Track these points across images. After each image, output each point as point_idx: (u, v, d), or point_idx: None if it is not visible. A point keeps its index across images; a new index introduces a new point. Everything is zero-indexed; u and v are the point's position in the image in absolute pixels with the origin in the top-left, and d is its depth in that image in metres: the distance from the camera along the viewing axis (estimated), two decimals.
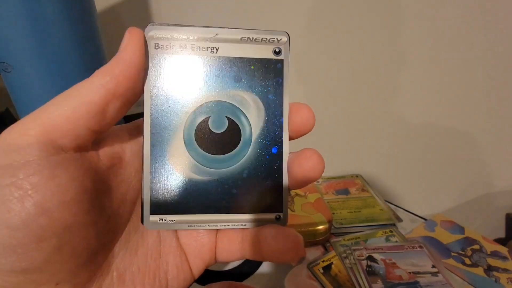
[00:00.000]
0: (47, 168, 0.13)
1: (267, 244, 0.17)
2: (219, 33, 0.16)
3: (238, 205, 0.17)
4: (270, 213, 0.17)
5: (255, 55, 0.17)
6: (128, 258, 0.17)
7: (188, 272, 0.18)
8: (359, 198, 0.51)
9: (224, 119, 0.17)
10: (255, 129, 0.17)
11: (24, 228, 0.13)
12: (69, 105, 0.14)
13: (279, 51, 0.17)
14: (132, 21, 0.71)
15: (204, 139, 0.17)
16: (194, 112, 0.17)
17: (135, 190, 0.17)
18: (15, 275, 0.13)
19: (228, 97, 0.17)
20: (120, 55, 0.14)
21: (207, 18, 0.64)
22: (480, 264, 0.39)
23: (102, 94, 0.14)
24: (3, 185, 0.13)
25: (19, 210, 0.13)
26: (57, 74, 0.40)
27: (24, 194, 0.13)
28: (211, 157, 0.17)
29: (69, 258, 0.14)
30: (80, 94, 0.14)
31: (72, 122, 0.14)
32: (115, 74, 0.14)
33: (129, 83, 0.14)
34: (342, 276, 0.37)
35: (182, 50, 0.16)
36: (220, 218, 0.17)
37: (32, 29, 0.37)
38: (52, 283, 0.14)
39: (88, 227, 0.15)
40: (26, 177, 0.13)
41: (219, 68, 0.17)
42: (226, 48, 0.17)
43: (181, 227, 0.17)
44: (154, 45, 0.16)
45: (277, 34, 0.17)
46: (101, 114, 0.14)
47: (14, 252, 0.13)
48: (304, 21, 0.57)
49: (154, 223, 0.16)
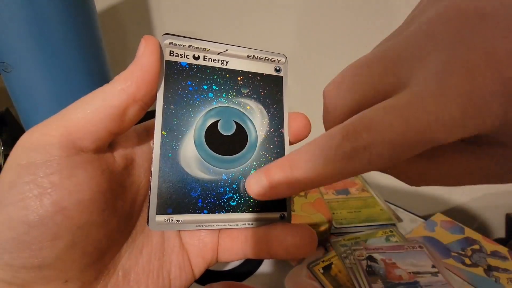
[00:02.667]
0: (67, 167, 0.14)
1: (281, 240, 0.18)
2: (229, 49, 0.18)
3: (244, 204, 0.18)
4: (275, 212, 0.18)
5: (260, 70, 0.19)
6: (134, 258, 0.17)
7: (189, 272, 0.18)
8: (359, 198, 0.51)
9: (233, 123, 0.18)
10: (260, 134, 0.18)
11: (40, 226, 0.13)
12: (91, 108, 0.14)
13: (279, 69, 0.19)
14: (132, 21, 0.71)
15: (213, 140, 0.18)
16: (204, 115, 0.18)
17: (144, 191, 0.18)
18: (25, 271, 0.13)
19: (236, 104, 0.18)
20: (139, 61, 0.15)
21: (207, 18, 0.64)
22: (480, 264, 0.39)
23: (123, 98, 0.14)
24: (23, 182, 0.13)
25: (37, 207, 0.13)
26: (57, 74, 0.40)
27: (43, 192, 0.13)
28: (220, 158, 0.18)
29: (80, 257, 0.14)
30: (101, 97, 0.14)
31: (93, 125, 0.14)
32: (135, 79, 0.15)
33: (147, 88, 0.15)
34: (342, 276, 0.37)
35: (196, 60, 0.17)
36: (227, 218, 0.17)
37: (32, 29, 0.37)
38: (61, 280, 0.14)
39: (101, 226, 0.15)
40: (46, 175, 0.13)
41: (229, 78, 0.18)
42: (235, 62, 0.18)
43: (189, 227, 0.17)
44: (169, 52, 0.17)
45: (277, 55, 0.19)
46: (121, 117, 0.15)
47: (28, 248, 0.13)
48: (301, 21, 0.57)
49: (160, 224, 0.16)
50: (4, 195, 0.13)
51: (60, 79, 0.41)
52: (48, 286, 0.14)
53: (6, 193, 0.13)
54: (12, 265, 0.13)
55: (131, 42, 0.74)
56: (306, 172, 0.13)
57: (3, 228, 0.13)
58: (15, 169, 0.13)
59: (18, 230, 0.13)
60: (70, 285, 0.14)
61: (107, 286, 0.16)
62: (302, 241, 0.18)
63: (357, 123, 0.12)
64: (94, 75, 0.44)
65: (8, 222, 0.13)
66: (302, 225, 0.18)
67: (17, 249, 0.13)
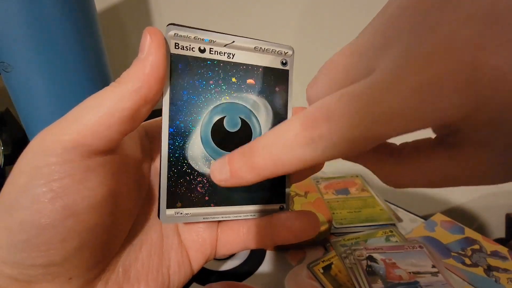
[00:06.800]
0: (80, 171, 0.14)
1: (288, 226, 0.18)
2: (235, 41, 0.17)
3: (247, 197, 0.19)
4: (275, 204, 0.19)
5: (267, 64, 0.18)
6: (133, 255, 0.17)
7: (188, 267, 0.19)
8: (359, 198, 0.51)
9: (238, 120, 0.18)
10: (264, 129, 0.19)
11: (51, 229, 0.13)
12: (104, 111, 0.14)
13: (286, 62, 0.19)
14: (132, 21, 0.71)
15: (219, 137, 0.18)
16: (210, 112, 0.18)
17: (145, 189, 0.18)
18: (33, 269, 0.14)
19: (241, 100, 0.18)
20: (147, 59, 0.14)
21: (207, 18, 0.64)
22: (480, 264, 0.39)
23: (135, 99, 0.14)
24: (36, 185, 0.13)
25: (49, 211, 0.13)
26: (56, 74, 0.40)
27: (55, 196, 0.13)
28: (226, 154, 0.18)
29: (87, 257, 0.15)
30: (113, 99, 0.14)
31: (106, 128, 0.14)
32: (146, 79, 0.14)
33: (158, 86, 0.15)
34: (342, 276, 0.37)
35: (201, 53, 0.17)
36: (232, 210, 0.18)
37: (32, 29, 0.37)
38: (66, 277, 0.15)
39: (108, 228, 0.15)
40: (59, 179, 0.13)
41: (235, 72, 0.18)
42: (242, 55, 0.18)
43: (197, 219, 0.18)
44: (175, 44, 0.16)
45: (284, 47, 0.19)
46: (133, 118, 0.15)
47: (37, 250, 0.13)
48: (302, 17, 0.57)
49: (171, 217, 0.17)
50: (17, 198, 0.13)
51: (60, 79, 0.41)
52: (52, 282, 0.14)
53: (19, 196, 0.13)
54: (20, 264, 0.13)
55: (131, 42, 0.74)
56: (265, 159, 0.13)
57: (15, 231, 0.13)
58: (28, 172, 0.13)
59: (30, 233, 0.13)
60: (73, 282, 0.15)
61: (108, 282, 0.16)
62: (310, 225, 0.18)
63: (315, 111, 0.12)
64: (94, 75, 0.44)
65: (20, 225, 0.13)
66: (306, 211, 0.19)
67: (27, 250, 0.13)
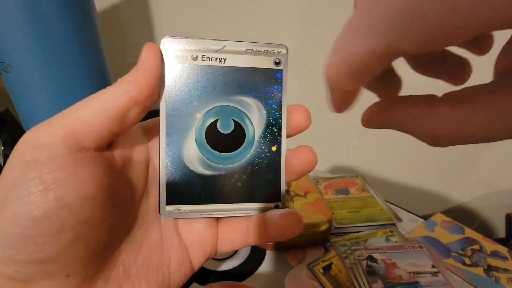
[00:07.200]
0: (71, 164, 0.14)
1: (274, 224, 0.19)
2: (226, 45, 0.18)
3: (242, 196, 0.20)
4: (270, 202, 0.20)
5: (258, 65, 0.19)
6: (133, 254, 0.18)
7: (188, 266, 0.19)
8: (359, 198, 0.51)
9: (231, 122, 0.19)
10: (257, 130, 0.19)
11: (45, 220, 0.13)
12: (95, 108, 0.15)
13: (279, 61, 0.19)
14: (132, 21, 0.71)
15: (213, 139, 0.19)
16: (204, 115, 0.19)
17: (141, 188, 0.19)
18: (29, 265, 0.14)
19: (234, 102, 0.19)
20: (141, 66, 0.16)
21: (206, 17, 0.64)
22: (480, 264, 0.39)
23: (125, 100, 0.15)
24: (28, 178, 0.13)
25: (41, 202, 0.13)
26: (56, 74, 0.40)
27: (47, 187, 0.14)
28: (219, 155, 0.19)
29: (82, 252, 0.15)
30: (105, 99, 0.15)
31: (96, 125, 0.15)
32: (138, 82, 0.16)
33: (149, 91, 0.16)
34: (342, 276, 0.37)
35: (194, 60, 0.18)
36: (228, 207, 0.19)
37: (32, 29, 0.37)
38: (63, 274, 0.15)
39: (102, 222, 0.16)
40: (50, 172, 0.14)
41: (226, 76, 0.19)
42: (233, 59, 0.19)
43: (194, 215, 0.19)
44: (169, 55, 0.18)
45: (277, 47, 0.19)
46: (122, 118, 0.16)
47: (33, 243, 0.13)
48: (301, 16, 0.57)
49: (170, 212, 0.19)
50: (9, 191, 0.14)
51: (59, 79, 0.41)
52: (50, 281, 0.14)
53: (11, 189, 0.14)
54: (15, 260, 0.14)
55: (131, 42, 0.74)
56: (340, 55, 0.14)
57: (9, 224, 0.13)
58: (20, 166, 0.14)
59: (23, 225, 0.13)
60: (71, 279, 0.15)
61: (108, 281, 0.16)
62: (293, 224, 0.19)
63: None
64: (94, 75, 0.44)
65: (13, 218, 0.13)
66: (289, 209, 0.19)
67: (22, 244, 0.13)
